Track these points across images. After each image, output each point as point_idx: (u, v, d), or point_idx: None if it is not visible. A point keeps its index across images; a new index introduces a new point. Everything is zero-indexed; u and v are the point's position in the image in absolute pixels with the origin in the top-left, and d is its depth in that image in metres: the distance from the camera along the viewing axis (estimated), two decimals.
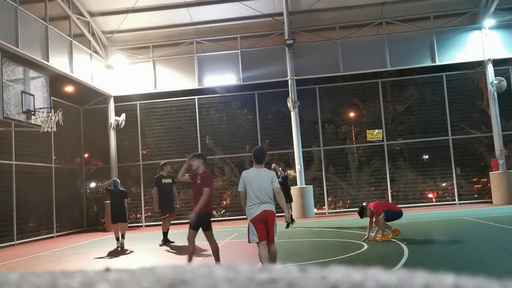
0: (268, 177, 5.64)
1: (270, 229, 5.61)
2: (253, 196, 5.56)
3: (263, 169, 5.78)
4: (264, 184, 5.57)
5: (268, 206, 5.58)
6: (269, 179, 5.62)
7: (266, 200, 5.57)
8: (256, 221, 5.52)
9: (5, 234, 12.88)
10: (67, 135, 16.08)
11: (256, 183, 5.55)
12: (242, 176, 5.69)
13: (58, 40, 13.88)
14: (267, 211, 5.56)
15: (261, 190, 5.55)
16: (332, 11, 16.76)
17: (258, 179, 5.57)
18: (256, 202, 5.55)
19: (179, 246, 10.43)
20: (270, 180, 5.63)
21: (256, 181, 5.56)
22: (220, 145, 18.24)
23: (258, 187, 5.55)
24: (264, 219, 5.55)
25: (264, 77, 17.10)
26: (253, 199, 5.56)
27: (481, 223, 10.88)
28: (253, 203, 5.56)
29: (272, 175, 5.74)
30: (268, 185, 5.60)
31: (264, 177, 5.62)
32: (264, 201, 5.55)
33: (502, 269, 5.73)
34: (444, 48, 16.68)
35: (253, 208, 5.56)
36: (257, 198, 5.54)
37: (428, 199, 17.76)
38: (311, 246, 9.18)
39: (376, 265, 0.43)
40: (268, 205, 5.59)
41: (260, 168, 5.74)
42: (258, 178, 5.58)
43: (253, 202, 5.56)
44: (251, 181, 5.58)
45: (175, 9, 16.43)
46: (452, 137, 17.32)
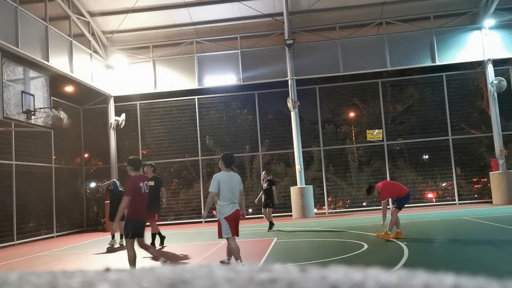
0: (238, 181, 6.50)
1: (237, 225, 6.49)
2: (226, 197, 6.32)
3: (233, 173, 6.57)
4: (235, 186, 6.40)
5: (237, 206, 6.43)
6: (238, 183, 6.48)
7: (236, 201, 6.40)
8: (229, 218, 6.31)
9: (5, 234, 12.88)
10: (67, 135, 16.08)
11: (230, 186, 6.34)
12: (216, 178, 6.36)
13: (58, 40, 13.88)
14: (237, 210, 6.42)
15: (233, 192, 6.37)
16: (332, 11, 16.77)
17: (231, 183, 6.37)
18: (229, 202, 6.32)
19: (180, 246, 10.43)
20: (239, 183, 6.50)
21: (230, 184, 6.36)
22: (220, 145, 18.24)
23: (231, 189, 6.35)
24: (236, 217, 6.40)
25: (264, 77, 17.11)
26: (227, 199, 6.32)
27: (481, 223, 10.88)
28: (227, 203, 6.32)
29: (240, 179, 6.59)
30: (237, 187, 6.44)
31: (235, 181, 6.45)
32: (234, 201, 6.38)
33: (502, 269, 5.73)
34: (444, 48, 16.69)
35: (227, 207, 6.32)
36: (230, 199, 6.33)
37: (428, 199, 17.76)
38: (311, 246, 9.18)
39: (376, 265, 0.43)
40: (237, 205, 6.43)
41: (229, 172, 6.50)
42: (231, 182, 6.38)
43: (226, 202, 6.32)
44: (225, 184, 6.32)
45: (175, 9, 16.43)
46: (452, 137, 17.32)
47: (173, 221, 17.55)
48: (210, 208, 7.14)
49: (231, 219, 6.31)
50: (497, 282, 0.39)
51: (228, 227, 6.28)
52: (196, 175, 18.18)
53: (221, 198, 6.32)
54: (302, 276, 0.39)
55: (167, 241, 10.44)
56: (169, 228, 15.16)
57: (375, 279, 0.38)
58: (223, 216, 6.30)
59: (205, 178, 18.16)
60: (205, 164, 18.23)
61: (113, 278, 0.40)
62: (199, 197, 17.87)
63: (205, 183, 18.13)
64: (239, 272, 0.40)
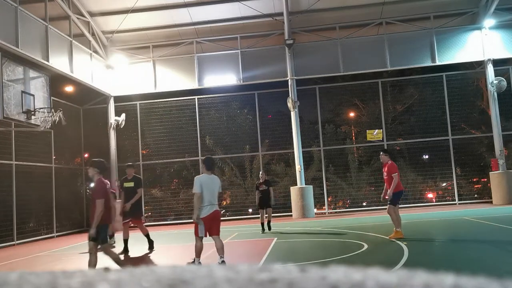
0: (218, 184, 6.79)
1: (217, 224, 6.74)
2: (206, 198, 6.60)
3: (214, 176, 6.85)
4: (215, 189, 6.69)
5: (216, 207, 6.75)
6: (218, 185, 6.77)
7: (214, 202, 6.70)
8: (207, 219, 6.59)
9: (5, 234, 12.87)
10: (67, 135, 16.08)
11: (210, 188, 6.63)
12: (198, 180, 6.64)
13: (58, 40, 13.88)
14: (216, 211, 6.73)
15: (213, 194, 6.67)
16: (332, 11, 16.77)
17: (211, 185, 6.66)
18: (208, 203, 6.61)
19: (180, 246, 10.43)
20: (219, 186, 6.80)
21: (210, 186, 6.64)
22: (220, 145, 18.25)
23: (212, 191, 6.65)
24: (215, 218, 6.70)
25: (264, 77, 17.11)
26: (206, 201, 6.60)
27: (481, 223, 10.88)
28: (206, 204, 6.61)
29: (220, 182, 6.91)
30: (217, 190, 6.74)
31: (215, 183, 6.74)
32: (213, 203, 6.67)
33: (502, 269, 5.73)
34: (444, 48, 16.69)
35: (205, 209, 6.60)
36: (209, 201, 6.62)
37: (428, 199, 17.76)
38: (311, 246, 9.18)
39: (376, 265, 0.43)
40: (216, 206, 6.75)
41: (210, 174, 6.77)
42: (211, 184, 6.67)
43: (206, 203, 6.60)
44: (206, 186, 6.60)
45: (175, 9, 16.43)
46: (452, 137, 17.32)
47: (173, 221, 17.55)
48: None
49: (208, 220, 6.59)
50: (497, 282, 0.39)
51: (203, 227, 6.57)
52: (196, 175, 18.12)
53: (202, 199, 6.59)
54: (302, 276, 0.39)
55: (168, 241, 10.43)
56: (169, 228, 15.16)
57: (375, 279, 0.38)
58: (201, 216, 6.60)
59: None
60: None
61: (113, 278, 0.40)
62: None
63: None
64: (239, 272, 0.40)
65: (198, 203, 6.59)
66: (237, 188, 18.30)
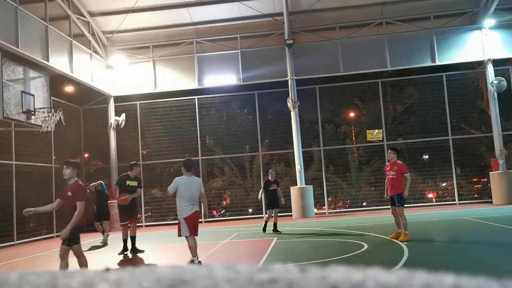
0: (198, 185, 7.02)
1: (197, 225, 7.01)
2: (187, 199, 6.84)
3: (194, 177, 7.13)
4: (195, 190, 6.93)
5: (196, 207, 7.00)
6: (198, 186, 7.01)
7: (195, 203, 6.95)
8: (189, 219, 6.83)
9: (5, 234, 12.87)
10: (67, 135, 16.07)
11: (190, 189, 6.88)
12: (176, 181, 6.92)
13: (58, 40, 13.88)
14: (196, 211, 6.98)
15: (193, 195, 6.90)
16: (332, 11, 16.77)
17: (191, 186, 6.91)
18: (189, 204, 6.85)
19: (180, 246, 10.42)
20: (199, 187, 7.02)
21: (190, 187, 6.89)
22: (220, 145, 18.25)
23: (191, 192, 6.88)
24: (195, 218, 6.94)
25: (264, 77, 17.11)
26: (187, 201, 6.84)
27: (481, 223, 10.88)
28: (187, 205, 6.85)
29: (201, 183, 7.14)
30: (197, 191, 6.96)
31: (195, 185, 6.98)
32: (194, 203, 6.92)
33: (502, 269, 5.73)
34: (444, 48, 16.69)
35: (186, 209, 6.85)
36: (189, 201, 6.86)
37: (428, 199, 17.76)
38: (311, 246, 9.18)
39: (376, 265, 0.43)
40: (196, 206, 7.00)
41: (190, 176, 7.03)
42: (191, 185, 6.92)
43: (186, 203, 6.85)
44: (185, 187, 6.87)
45: (175, 9, 16.43)
46: (452, 137, 17.32)
47: (173, 221, 17.54)
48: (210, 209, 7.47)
49: (190, 220, 6.83)
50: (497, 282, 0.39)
51: (187, 227, 6.79)
52: (196, 175, 18.14)
53: (182, 200, 6.85)
54: (302, 276, 0.39)
55: (168, 241, 10.43)
56: (169, 228, 15.16)
57: (375, 279, 0.38)
58: (182, 217, 6.84)
59: (205, 178, 18.16)
60: (205, 164, 18.23)
61: (113, 278, 0.40)
62: None
63: (205, 183, 18.13)
64: (239, 272, 0.40)
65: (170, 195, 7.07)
66: (237, 188, 18.30)
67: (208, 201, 18.07)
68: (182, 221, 6.81)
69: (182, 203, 6.84)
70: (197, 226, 6.99)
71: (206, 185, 18.15)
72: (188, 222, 6.79)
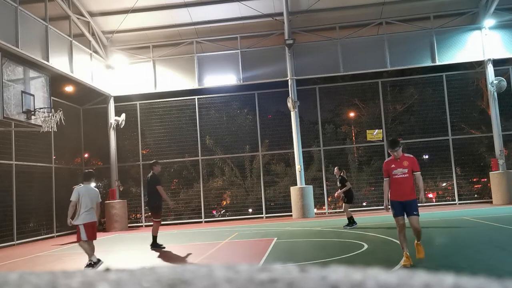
0: (95, 194, 7.64)
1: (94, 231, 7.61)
2: (86, 206, 7.43)
3: (90, 187, 7.71)
4: (93, 198, 7.55)
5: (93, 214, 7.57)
6: (96, 195, 7.62)
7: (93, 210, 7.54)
8: (87, 225, 7.40)
9: (5, 234, 12.87)
10: (67, 135, 16.07)
11: (88, 197, 7.49)
12: (76, 190, 7.54)
13: (58, 40, 13.88)
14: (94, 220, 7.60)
15: (92, 202, 7.50)
16: (332, 11, 16.76)
17: (89, 194, 7.52)
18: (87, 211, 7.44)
19: (180, 246, 10.42)
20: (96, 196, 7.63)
21: (88, 195, 7.51)
22: (220, 145, 18.24)
23: (90, 200, 7.49)
24: (92, 225, 7.53)
25: (264, 77, 17.11)
26: (86, 208, 7.43)
27: (481, 223, 10.88)
28: (86, 212, 7.43)
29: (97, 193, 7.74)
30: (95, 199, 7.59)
31: (93, 193, 7.60)
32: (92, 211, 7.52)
33: (502, 269, 5.73)
34: (444, 48, 16.69)
35: (85, 215, 7.42)
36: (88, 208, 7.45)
37: (428, 199, 17.75)
38: (311, 246, 9.19)
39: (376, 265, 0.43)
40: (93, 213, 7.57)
41: (88, 185, 7.68)
42: (89, 193, 7.53)
43: (85, 211, 7.42)
44: (84, 195, 7.47)
45: (175, 9, 16.43)
46: (452, 137, 17.32)
47: (173, 221, 17.55)
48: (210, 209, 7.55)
49: (88, 225, 7.41)
50: (497, 282, 0.39)
51: (85, 232, 7.35)
52: (196, 175, 18.18)
53: (82, 207, 7.42)
54: (302, 276, 0.39)
55: (168, 241, 10.43)
56: (169, 228, 15.16)
57: (375, 279, 0.38)
58: (82, 223, 7.39)
59: (205, 178, 18.16)
60: (205, 164, 18.23)
61: (113, 278, 0.40)
62: (199, 197, 17.86)
63: (205, 183, 18.14)
64: (239, 272, 0.40)
65: (72, 209, 7.50)
66: (237, 188, 18.30)
67: (208, 201, 18.26)
68: (82, 226, 7.37)
69: (81, 210, 7.42)
70: (94, 232, 7.62)
71: (206, 185, 18.16)
72: (87, 228, 7.37)
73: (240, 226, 14.50)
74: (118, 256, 9.70)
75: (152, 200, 10.00)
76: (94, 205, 7.51)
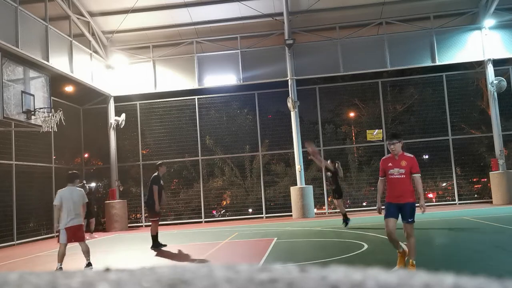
0: (77, 195, 7.42)
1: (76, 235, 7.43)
2: (68, 209, 7.27)
3: (75, 188, 7.53)
4: (77, 201, 7.36)
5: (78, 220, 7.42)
6: (78, 197, 7.41)
7: (77, 212, 7.38)
8: (69, 229, 7.28)
9: (5, 234, 12.87)
10: (67, 135, 16.07)
11: (71, 200, 7.31)
12: (59, 194, 7.39)
13: (58, 40, 13.88)
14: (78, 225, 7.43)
15: (74, 205, 7.32)
16: (332, 11, 16.76)
17: (72, 197, 7.33)
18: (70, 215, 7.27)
19: (180, 246, 10.42)
20: (81, 197, 7.46)
21: (71, 198, 7.32)
22: (220, 145, 18.24)
23: (73, 203, 7.30)
24: (75, 228, 7.35)
25: (264, 77, 17.11)
26: (69, 213, 7.27)
27: (481, 223, 10.88)
28: (67, 215, 7.26)
29: (82, 194, 7.52)
30: (79, 201, 7.40)
31: (76, 195, 7.40)
32: (74, 214, 7.34)
33: (502, 269, 5.73)
34: (444, 48, 16.68)
35: (68, 219, 7.26)
36: (70, 212, 7.29)
37: (428, 199, 17.75)
38: (311, 246, 9.19)
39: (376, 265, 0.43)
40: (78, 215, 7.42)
41: (72, 187, 7.48)
42: (72, 196, 7.34)
43: (67, 214, 7.27)
44: (66, 198, 7.30)
45: (175, 9, 16.42)
46: (452, 137, 17.32)
47: (173, 221, 17.55)
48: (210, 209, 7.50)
49: (70, 229, 7.29)
50: (497, 282, 0.39)
51: (66, 235, 7.27)
52: (196, 175, 18.18)
53: (64, 211, 7.29)
54: (302, 276, 0.39)
55: (168, 241, 10.42)
56: (169, 228, 15.16)
57: (375, 279, 0.38)
58: (63, 227, 7.29)
59: (205, 178, 18.16)
60: (205, 164, 18.23)
61: (113, 278, 0.40)
62: (199, 197, 17.86)
63: (205, 183, 18.13)
64: (239, 272, 0.40)
65: (57, 213, 7.37)
66: (237, 188, 18.30)
67: (208, 201, 18.26)
68: (63, 230, 7.31)
69: (64, 214, 7.30)
70: (81, 235, 7.50)
71: (206, 185, 18.16)
72: (68, 232, 7.29)
73: (240, 226, 14.50)
74: (118, 256, 9.70)
75: (149, 199, 10.05)
76: (78, 210, 7.34)
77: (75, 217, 7.29)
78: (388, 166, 6.06)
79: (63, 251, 7.36)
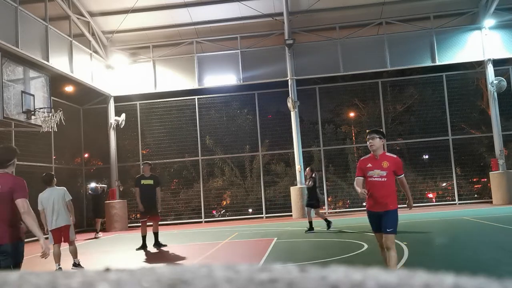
0: (60, 194, 7.42)
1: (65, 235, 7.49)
2: (51, 211, 7.33)
3: (55, 188, 7.51)
4: (58, 200, 7.36)
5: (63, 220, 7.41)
6: (59, 196, 7.41)
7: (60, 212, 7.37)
8: (54, 231, 7.37)
9: None
10: (67, 135, 16.07)
11: (51, 201, 7.32)
12: (39, 198, 7.42)
13: (58, 40, 13.88)
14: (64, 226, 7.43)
15: (56, 205, 7.34)
16: (332, 11, 16.76)
17: (52, 198, 7.35)
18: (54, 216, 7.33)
19: (180, 246, 10.42)
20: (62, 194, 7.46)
21: (52, 199, 7.33)
22: (220, 145, 18.25)
23: (53, 204, 7.31)
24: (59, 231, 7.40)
25: (264, 77, 17.10)
26: (51, 213, 7.33)
27: (481, 223, 10.87)
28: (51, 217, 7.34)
29: (63, 191, 7.49)
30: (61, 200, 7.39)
31: (56, 194, 7.40)
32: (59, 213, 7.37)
33: (502, 269, 5.73)
34: (444, 48, 16.68)
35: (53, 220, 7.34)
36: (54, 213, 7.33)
37: (428, 199, 17.76)
38: (311, 246, 9.18)
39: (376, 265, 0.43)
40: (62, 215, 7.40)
41: (51, 187, 7.49)
42: (52, 198, 7.36)
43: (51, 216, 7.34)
44: (47, 201, 7.34)
45: (175, 9, 16.42)
46: (452, 137, 17.32)
47: (173, 221, 17.55)
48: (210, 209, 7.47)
49: (55, 231, 7.36)
50: (497, 282, 0.39)
51: (52, 237, 7.34)
52: (196, 175, 18.19)
53: (47, 214, 7.37)
54: (302, 276, 0.39)
55: (168, 241, 10.43)
56: (169, 228, 15.16)
57: (375, 279, 0.38)
58: (50, 229, 7.38)
59: (205, 178, 18.16)
60: (205, 164, 18.23)
61: (113, 278, 0.40)
62: (199, 197, 17.87)
63: (205, 183, 18.13)
64: (239, 272, 0.40)
65: (43, 217, 7.36)
66: (237, 188, 18.31)
67: (208, 201, 18.26)
68: (49, 232, 7.37)
69: (48, 216, 7.35)
70: (65, 236, 7.49)
71: (206, 185, 18.15)
72: (54, 233, 7.35)
73: (240, 226, 14.50)
74: (118, 256, 9.70)
75: None
76: (61, 207, 7.31)
77: (59, 217, 7.30)
78: (367, 167, 5.35)
79: (57, 252, 7.43)
